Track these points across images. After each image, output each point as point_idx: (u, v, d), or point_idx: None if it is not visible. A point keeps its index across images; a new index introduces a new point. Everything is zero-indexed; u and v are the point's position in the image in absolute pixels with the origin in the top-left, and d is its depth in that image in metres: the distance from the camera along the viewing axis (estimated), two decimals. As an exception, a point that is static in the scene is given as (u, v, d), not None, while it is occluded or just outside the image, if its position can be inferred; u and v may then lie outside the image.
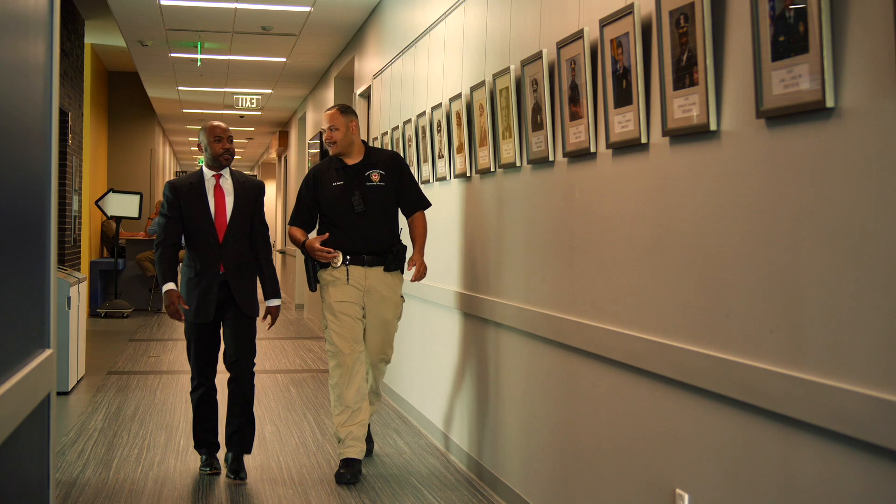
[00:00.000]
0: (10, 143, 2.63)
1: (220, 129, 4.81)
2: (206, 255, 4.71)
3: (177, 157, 25.89)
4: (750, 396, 2.40)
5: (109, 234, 13.32)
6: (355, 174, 4.85)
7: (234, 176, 4.86)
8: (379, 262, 4.82)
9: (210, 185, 4.79)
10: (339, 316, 4.77)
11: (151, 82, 12.64)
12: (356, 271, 4.80)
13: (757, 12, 2.33)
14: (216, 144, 4.77)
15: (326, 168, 4.94)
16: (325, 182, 4.89)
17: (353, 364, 4.74)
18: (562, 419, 3.69)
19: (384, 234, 4.85)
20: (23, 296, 2.80)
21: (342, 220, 4.82)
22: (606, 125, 3.20)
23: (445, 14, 5.40)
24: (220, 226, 4.74)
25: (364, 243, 4.79)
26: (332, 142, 4.83)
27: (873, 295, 2.01)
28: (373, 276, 4.81)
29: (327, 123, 4.84)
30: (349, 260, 4.79)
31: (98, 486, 4.59)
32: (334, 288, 4.80)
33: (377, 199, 4.83)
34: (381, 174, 4.86)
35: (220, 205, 4.77)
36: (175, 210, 4.77)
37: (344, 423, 4.75)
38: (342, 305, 4.78)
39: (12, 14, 2.65)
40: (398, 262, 4.86)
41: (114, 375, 7.92)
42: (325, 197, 4.86)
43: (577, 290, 3.53)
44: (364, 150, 4.91)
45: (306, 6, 7.96)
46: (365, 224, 4.80)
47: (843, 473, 2.10)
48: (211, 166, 4.82)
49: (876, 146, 2.00)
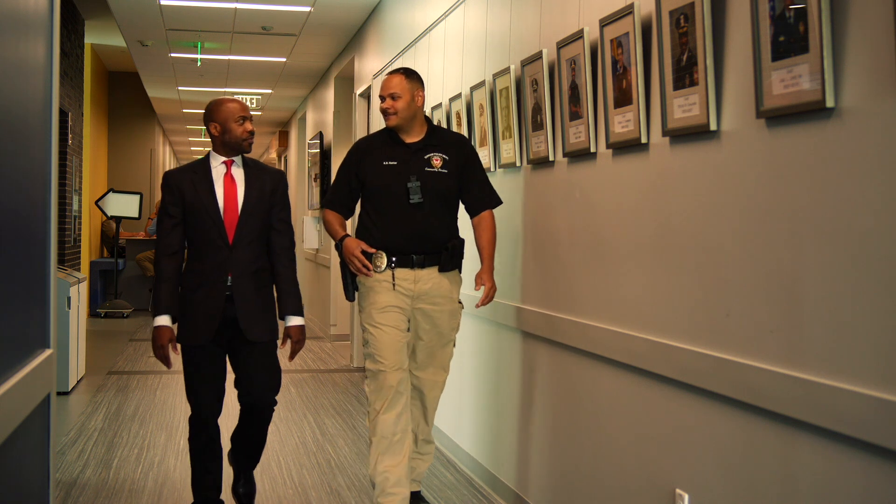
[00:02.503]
0: (11, 143, 2.63)
1: (242, 106, 3.88)
2: (211, 260, 3.78)
3: (177, 157, 25.89)
4: (750, 396, 2.40)
5: (109, 234, 13.32)
6: (413, 155, 3.89)
7: (247, 163, 3.93)
8: (432, 261, 3.88)
9: (219, 172, 3.85)
10: (381, 327, 3.83)
11: (151, 82, 12.64)
12: (404, 275, 3.86)
13: (757, 12, 2.33)
14: (238, 126, 3.84)
15: (377, 142, 3.99)
16: (374, 159, 3.93)
17: (396, 384, 3.81)
18: (561, 419, 3.69)
19: (441, 233, 3.91)
20: (23, 296, 2.80)
21: (391, 211, 3.87)
22: (606, 125, 3.20)
23: (445, 14, 5.40)
24: (230, 223, 3.79)
25: (416, 241, 3.86)
26: (391, 112, 3.88)
27: (874, 295, 2.01)
28: (424, 279, 3.88)
29: (388, 90, 3.89)
30: (395, 262, 3.85)
31: (98, 486, 4.59)
32: (376, 293, 3.86)
33: (437, 189, 3.87)
34: (444, 159, 3.91)
35: (231, 197, 3.82)
36: (177, 207, 3.81)
37: (380, 460, 3.80)
38: (386, 315, 3.84)
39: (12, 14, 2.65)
40: (455, 259, 3.94)
41: (114, 375, 7.92)
42: (373, 178, 3.90)
43: (577, 289, 3.53)
44: (426, 128, 3.97)
45: (306, 6, 7.96)
46: (420, 218, 3.85)
47: (843, 473, 2.10)
48: (224, 152, 3.88)
49: (876, 146, 2.00)
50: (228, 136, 3.84)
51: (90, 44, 11.79)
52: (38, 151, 3.07)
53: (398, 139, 3.93)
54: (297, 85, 12.34)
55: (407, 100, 3.87)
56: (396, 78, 3.91)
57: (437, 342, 3.97)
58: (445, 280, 3.91)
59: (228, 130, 3.84)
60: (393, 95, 3.87)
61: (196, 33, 9.36)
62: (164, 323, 3.73)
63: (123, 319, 12.06)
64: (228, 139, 3.85)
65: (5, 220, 2.56)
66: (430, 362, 4.00)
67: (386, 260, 3.83)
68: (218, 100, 3.88)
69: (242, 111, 3.85)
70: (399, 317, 3.85)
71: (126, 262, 13.01)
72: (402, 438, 3.81)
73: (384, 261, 3.83)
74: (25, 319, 2.85)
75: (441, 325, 3.94)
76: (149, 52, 10.29)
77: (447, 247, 3.88)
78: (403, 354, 3.86)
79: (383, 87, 3.90)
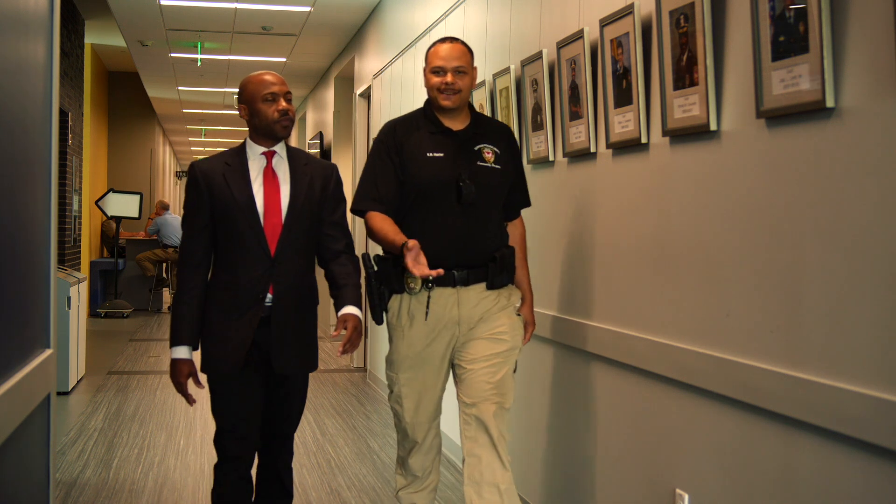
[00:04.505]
0: (11, 143, 2.63)
1: (271, 81, 3.09)
2: (247, 274, 3.03)
3: (177, 157, 25.89)
4: (750, 396, 2.40)
5: (109, 234, 13.33)
6: (462, 146, 3.16)
7: (292, 155, 3.16)
8: (477, 276, 3.11)
9: (257, 166, 3.10)
10: (409, 383, 3.16)
11: (151, 82, 12.64)
12: (443, 298, 3.09)
13: (757, 12, 2.33)
14: (267, 106, 3.06)
15: (414, 126, 3.22)
16: (415, 148, 3.16)
17: (422, 439, 3.25)
18: (561, 419, 3.69)
19: (489, 241, 3.16)
20: (23, 296, 2.80)
21: (432, 214, 3.11)
22: (606, 125, 3.20)
23: (445, 14, 5.40)
24: (272, 229, 3.04)
25: (458, 252, 3.09)
26: (455, 90, 3.11)
27: (873, 295, 2.01)
28: (469, 300, 3.11)
29: (452, 61, 3.11)
30: (432, 280, 3.04)
31: (98, 486, 4.59)
32: (407, 332, 3.13)
33: (489, 189, 3.15)
34: (496, 152, 3.19)
35: (272, 197, 3.07)
36: (204, 208, 3.07)
37: (405, 488, 3.34)
38: (416, 365, 3.15)
39: (12, 14, 2.65)
40: (507, 273, 3.18)
41: (114, 375, 7.92)
42: (415, 172, 3.13)
43: (576, 289, 3.53)
44: (470, 114, 3.24)
45: (306, 6, 7.96)
46: (467, 223, 3.11)
47: (843, 473, 2.10)
48: (260, 140, 3.12)
49: (876, 146, 2.00)
50: (258, 121, 3.08)
51: (90, 44, 11.79)
52: (38, 151, 3.07)
53: (441, 125, 3.17)
54: (297, 85, 12.34)
55: (473, 77, 3.17)
56: (461, 48, 3.15)
57: (496, 367, 3.12)
58: (497, 296, 3.15)
59: (256, 113, 3.08)
60: (458, 69, 3.12)
61: (196, 33, 9.36)
62: (182, 356, 3.04)
63: (123, 319, 12.05)
64: (258, 123, 3.08)
65: (5, 220, 2.56)
66: (491, 390, 3.11)
67: (420, 280, 3.05)
68: (248, 76, 3.15)
69: (271, 86, 3.07)
70: (435, 367, 3.15)
71: (126, 262, 13.01)
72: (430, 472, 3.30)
73: (419, 280, 3.04)
74: (25, 319, 2.85)
75: (498, 347, 3.13)
76: (149, 52, 10.30)
77: (494, 257, 3.13)
78: (437, 412, 3.24)
79: (444, 58, 3.12)
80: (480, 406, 3.08)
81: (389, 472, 4.89)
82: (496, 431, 3.06)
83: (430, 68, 3.15)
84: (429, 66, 3.16)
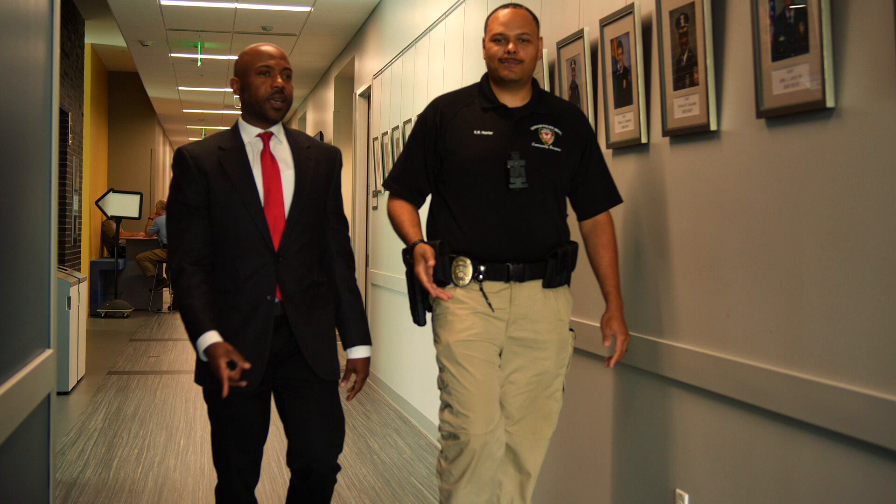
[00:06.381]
0: (11, 143, 2.63)
1: (268, 52, 2.71)
2: (251, 274, 2.67)
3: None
4: (750, 396, 2.40)
5: (109, 234, 13.33)
6: (517, 125, 2.82)
7: (292, 137, 2.81)
8: (534, 272, 2.80)
9: (254, 150, 2.74)
10: (465, 365, 2.73)
11: (151, 82, 12.65)
12: (496, 290, 2.78)
13: (757, 12, 2.33)
14: (261, 81, 2.70)
15: (463, 101, 2.88)
16: (460, 125, 2.83)
17: (481, 448, 2.71)
18: (561, 419, 3.69)
19: (548, 234, 2.82)
20: (23, 296, 2.80)
21: (481, 199, 2.79)
22: (606, 125, 3.20)
23: (445, 14, 5.40)
24: (275, 221, 2.69)
25: (513, 244, 2.78)
26: (517, 60, 2.76)
27: (873, 295, 2.01)
28: (524, 296, 2.79)
29: (515, 28, 2.77)
30: (484, 272, 2.76)
31: (98, 486, 4.59)
32: (458, 318, 2.75)
33: (547, 173, 2.80)
34: (557, 133, 2.83)
35: (274, 184, 2.71)
36: (199, 196, 2.67)
37: None
38: (473, 347, 2.74)
39: (12, 14, 2.65)
40: (567, 271, 2.86)
41: (114, 375, 7.92)
42: (459, 151, 2.81)
43: (576, 289, 3.52)
44: (531, 90, 2.88)
45: (306, 6, 7.96)
46: (521, 211, 2.78)
47: (843, 473, 2.10)
48: (253, 120, 2.76)
49: (876, 146, 2.00)
50: (248, 95, 2.72)
51: (90, 44, 11.79)
52: (38, 151, 3.07)
53: (496, 100, 2.83)
54: (297, 85, 12.35)
55: (537, 47, 2.83)
56: (525, 14, 2.81)
57: (538, 386, 2.84)
58: (552, 299, 2.84)
59: (248, 87, 2.72)
60: (521, 37, 2.77)
61: (196, 33, 9.37)
62: (214, 340, 2.58)
63: (123, 319, 12.05)
64: (248, 99, 2.72)
65: (5, 219, 2.56)
66: (529, 413, 2.85)
67: (471, 269, 2.75)
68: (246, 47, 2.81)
69: (268, 59, 2.70)
70: (489, 348, 2.76)
71: (126, 262, 13.01)
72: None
73: (468, 271, 2.75)
74: (25, 319, 2.85)
75: (544, 361, 2.83)
76: (149, 52, 10.30)
77: (556, 253, 2.80)
78: (496, 405, 2.76)
79: (506, 24, 2.78)
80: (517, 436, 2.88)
81: (390, 471, 4.89)
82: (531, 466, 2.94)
83: (490, 36, 2.81)
84: (488, 34, 2.82)
